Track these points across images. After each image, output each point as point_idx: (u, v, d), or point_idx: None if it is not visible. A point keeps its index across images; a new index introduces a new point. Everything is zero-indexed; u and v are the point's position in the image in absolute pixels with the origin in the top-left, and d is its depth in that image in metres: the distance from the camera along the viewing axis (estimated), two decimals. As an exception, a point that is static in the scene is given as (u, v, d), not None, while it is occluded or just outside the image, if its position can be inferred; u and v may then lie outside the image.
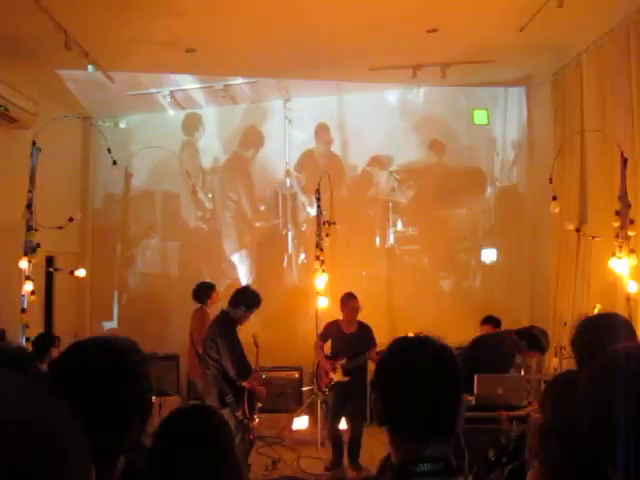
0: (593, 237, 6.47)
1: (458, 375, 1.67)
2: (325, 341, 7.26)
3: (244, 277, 9.66)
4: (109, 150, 6.38)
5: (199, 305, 7.49)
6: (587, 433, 1.45)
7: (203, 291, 7.49)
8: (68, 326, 8.67)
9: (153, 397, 1.75)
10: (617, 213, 5.52)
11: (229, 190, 9.82)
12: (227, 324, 5.89)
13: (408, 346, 1.72)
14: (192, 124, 9.78)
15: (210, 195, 9.90)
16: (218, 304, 7.11)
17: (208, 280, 8.07)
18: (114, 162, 6.48)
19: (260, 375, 6.32)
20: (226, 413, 5.58)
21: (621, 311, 5.44)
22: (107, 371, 1.59)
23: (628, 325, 2.55)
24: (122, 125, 9.89)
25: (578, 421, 1.75)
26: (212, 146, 9.89)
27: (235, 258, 9.78)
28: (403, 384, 1.62)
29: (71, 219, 6.32)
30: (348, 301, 7.05)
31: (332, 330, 7.17)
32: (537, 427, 1.89)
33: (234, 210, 9.81)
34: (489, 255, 9.60)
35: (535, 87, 8.95)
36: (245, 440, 5.80)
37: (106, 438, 1.53)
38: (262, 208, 9.86)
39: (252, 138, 9.78)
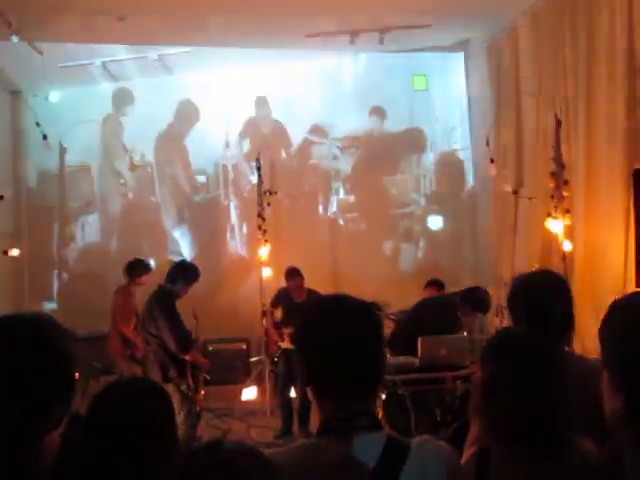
0: (530, 198, 6.61)
1: (377, 328, 1.68)
2: (275, 308, 7.34)
3: (186, 251, 9.54)
4: (38, 124, 6.17)
5: (124, 282, 7.15)
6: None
7: (137, 268, 7.13)
8: (6, 308, 8.43)
9: (78, 374, 1.69)
10: (552, 174, 5.64)
11: (165, 164, 9.62)
12: (165, 298, 5.87)
13: (324, 304, 1.73)
14: (120, 98, 9.50)
15: (149, 169, 9.70)
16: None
17: (148, 260, 7.91)
18: (44, 136, 6.30)
19: (202, 347, 6.33)
20: (169, 389, 5.55)
21: (557, 270, 5.59)
22: (26, 342, 1.53)
23: (560, 280, 2.61)
24: (53, 99, 9.55)
25: (517, 375, 1.79)
26: (147, 119, 9.65)
27: (176, 233, 9.65)
28: (322, 341, 1.61)
29: (1, 197, 6.11)
30: (290, 279, 7.12)
31: (282, 297, 7.23)
32: (477, 383, 1.92)
33: (171, 185, 9.62)
34: (432, 221, 9.71)
35: (473, 53, 9.02)
36: (192, 413, 5.80)
37: (26, 415, 1.49)
38: (202, 180, 9.72)
39: (187, 111, 9.56)
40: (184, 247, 9.61)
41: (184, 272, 6.03)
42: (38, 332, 1.59)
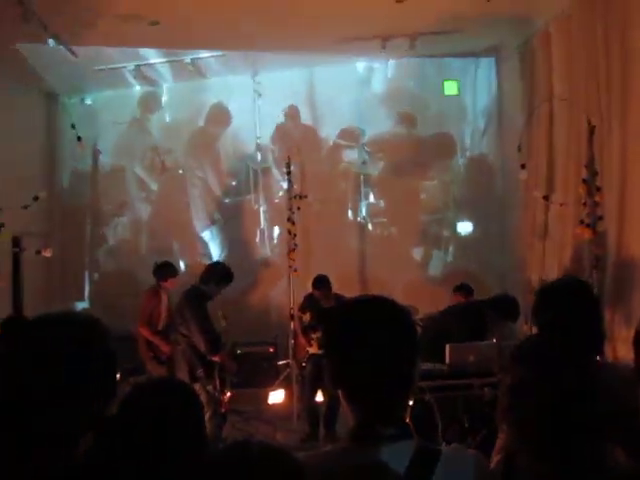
0: (561, 204, 6.54)
1: (411, 332, 1.64)
2: (304, 312, 7.35)
3: (215, 253, 9.61)
4: (73, 126, 6.29)
5: (153, 285, 7.19)
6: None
7: (164, 270, 7.16)
8: (38, 308, 8.56)
9: (119, 375, 1.72)
10: (584, 181, 5.58)
11: (195, 167, 9.71)
12: (197, 299, 5.94)
13: (356, 305, 1.69)
14: (149, 101, 9.63)
15: (181, 171, 9.81)
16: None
17: (177, 261, 7.99)
18: (79, 138, 6.40)
19: (230, 349, 6.39)
20: (197, 387, 5.63)
21: (589, 277, 5.53)
22: (72, 341, 1.55)
23: (587, 288, 2.58)
24: (88, 101, 9.73)
25: (542, 377, 1.78)
26: (179, 122, 9.77)
27: (206, 235, 9.73)
28: (352, 343, 1.58)
29: (36, 198, 6.23)
30: (317, 288, 7.11)
31: (311, 302, 7.25)
32: (505, 388, 1.91)
33: (202, 187, 9.71)
34: (461, 226, 9.66)
35: (504, 57, 8.97)
36: (217, 414, 5.85)
37: (70, 414, 1.50)
38: (233, 183, 9.80)
39: (218, 114, 9.65)
40: (214, 249, 9.69)
41: (217, 274, 6.10)
42: (84, 331, 1.60)
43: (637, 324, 1.68)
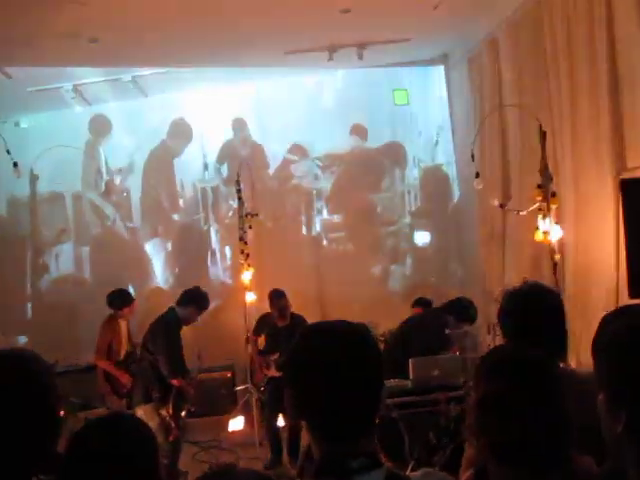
0: (517, 212, 6.66)
1: (374, 353, 1.62)
2: (259, 335, 7.37)
3: (166, 277, 9.50)
4: (8, 151, 6.15)
5: (110, 314, 7.14)
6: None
7: (119, 299, 7.13)
8: (-22, 344, 8.32)
9: (66, 412, 1.67)
10: (539, 186, 5.70)
11: (151, 183, 9.63)
12: (173, 321, 6.10)
13: (316, 333, 1.66)
14: (98, 126, 9.50)
15: (125, 194, 9.68)
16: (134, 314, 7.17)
17: (128, 287, 7.92)
18: (15, 164, 6.24)
19: (193, 377, 6.43)
20: (149, 409, 5.69)
21: (548, 283, 5.63)
22: (10, 378, 1.50)
23: (552, 293, 2.63)
24: (24, 125, 9.53)
25: (512, 391, 1.80)
26: (122, 144, 9.66)
27: (155, 258, 9.62)
28: (313, 370, 1.56)
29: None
30: (275, 300, 7.17)
31: (265, 324, 7.28)
32: (472, 403, 1.92)
33: (154, 202, 9.62)
34: (418, 237, 9.77)
35: (453, 65, 9.14)
36: (168, 440, 5.82)
37: (12, 454, 1.45)
38: (181, 204, 9.74)
39: (181, 129, 9.58)
40: (164, 273, 9.57)
41: (198, 297, 6.19)
42: (22, 367, 1.56)
43: (595, 331, 1.71)
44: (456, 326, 6.26)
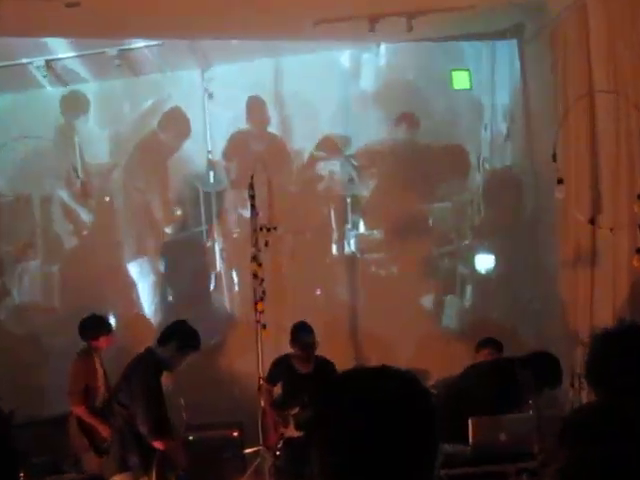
0: (611, 229, 6.61)
1: (429, 411, 1.63)
2: (274, 384, 7.40)
3: (151, 307, 9.55)
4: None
5: (83, 348, 7.29)
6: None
7: (95, 326, 7.27)
8: None
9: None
10: (640, 197, 5.67)
11: (132, 193, 9.70)
12: (150, 365, 6.06)
13: (352, 383, 1.66)
14: (71, 106, 9.61)
15: (107, 199, 9.77)
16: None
17: (107, 315, 7.99)
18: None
19: (184, 437, 6.41)
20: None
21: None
22: None
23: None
24: (-18, 109, 9.69)
25: (609, 459, 1.78)
26: (104, 135, 9.76)
27: (143, 282, 9.67)
28: (345, 439, 1.57)
29: None
30: (299, 336, 7.22)
31: (282, 370, 7.31)
32: (555, 474, 1.91)
33: (140, 214, 9.70)
34: (482, 261, 9.72)
35: (529, 39, 9.11)
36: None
37: None
38: (178, 212, 9.79)
39: (176, 122, 9.66)
40: (152, 301, 9.63)
41: (181, 334, 6.17)
42: None
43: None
44: (532, 386, 6.20)
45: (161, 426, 5.95)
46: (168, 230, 9.81)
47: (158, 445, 5.93)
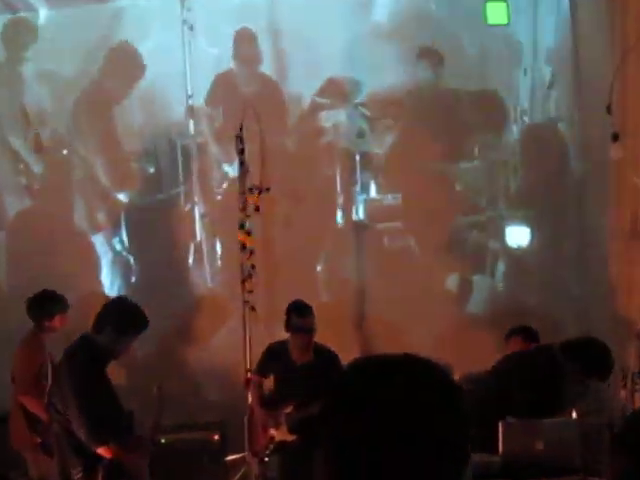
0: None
1: (459, 422, 1.63)
2: (265, 376, 7.40)
3: (119, 284, 9.55)
4: None
5: (31, 330, 7.34)
6: None
7: (44, 305, 7.29)
8: None
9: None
10: None
11: (84, 144, 9.67)
12: (86, 357, 5.99)
13: (371, 377, 1.65)
14: (15, 35, 9.56)
15: (65, 152, 9.75)
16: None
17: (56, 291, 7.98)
18: None
19: (146, 441, 6.38)
20: None
21: None
22: None
23: None
24: None
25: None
26: (57, 72, 9.71)
27: (103, 254, 9.67)
28: (361, 441, 1.57)
29: None
30: (296, 318, 7.18)
31: (276, 359, 7.30)
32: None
33: (90, 177, 9.66)
34: (517, 233, 9.71)
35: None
36: None
37: None
38: (150, 171, 9.78)
39: (123, 60, 9.60)
40: (115, 277, 9.63)
41: (120, 316, 6.10)
42: None
43: None
44: (579, 381, 6.20)
45: (104, 428, 5.84)
46: (122, 197, 9.78)
47: (103, 452, 5.83)
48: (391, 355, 1.70)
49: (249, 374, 7.52)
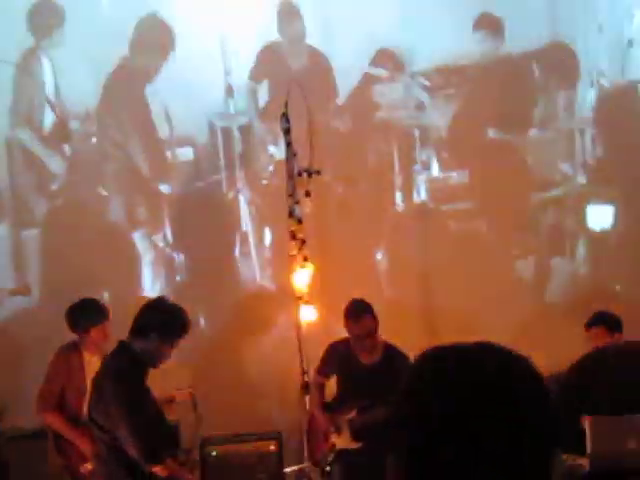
0: None
1: (548, 419, 1.65)
2: (327, 377, 7.44)
3: (163, 282, 9.61)
4: None
5: (70, 342, 7.39)
6: None
7: (83, 314, 7.32)
8: None
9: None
10: None
11: (114, 131, 9.73)
12: (127, 367, 5.97)
13: (448, 368, 1.67)
14: (43, 19, 9.64)
15: (94, 139, 9.83)
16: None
17: (98, 298, 8.04)
18: None
19: (193, 457, 6.41)
20: None
21: None
22: None
23: None
24: None
25: None
26: (83, 58, 9.78)
27: (147, 251, 9.73)
28: (442, 440, 1.58)
29: None
30: (352, 324, 7.21)
31: (338, 358, 7.36)
32: None
33: (124, 167, 9.71)
34: (596, 211, 9.64)
35: None
36: None
37: None
38: (188, 156, 9.82)
39: (152, 36, 9.66)
40: (157, 275, 9.70)
41: (161, 319, 6.10)
42: None
43: None
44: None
45: (154, 445, 5.84)
46: (164, 188, 9.84)
47: (159, 471, 5.83)
48: (466, 343, 1.71)
49: (305, 378, 7.53)
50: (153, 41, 9.70)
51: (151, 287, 9.61)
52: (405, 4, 9.54)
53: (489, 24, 9.57)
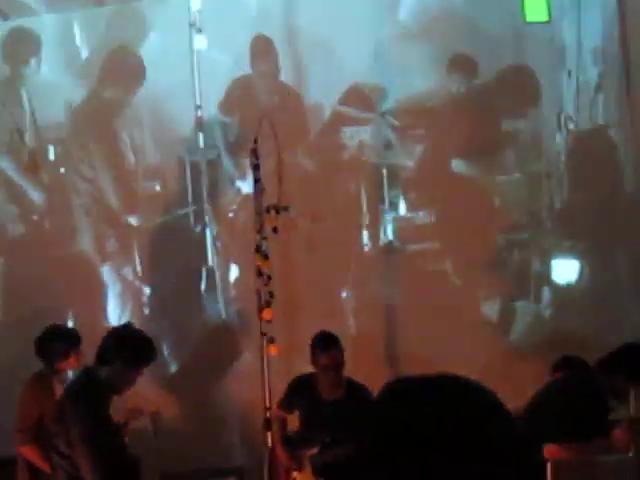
0: None
1: (513, 451, 1.65)
2: (290, 411, 7.41)
3: (129, 314, 9.58)
4: None
5: (40, 371, 7.38)
6: None
7: (51, 343, 7.29)
8: None
9: None
10: None
11: (83, 163, 9.72)
12: (89, 393, 5.95)
13: (412, 400, 1.68)
14: (17, 46, 9.64)
15: (62, 170, 9.81)
16: None
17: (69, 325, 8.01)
18: None
19: None
20: None
21: None
22: None
23: None
24: None
25: None
26: (58, 84, 9.78)
27: (114, 283, 9.70)
28: (406, 474, 1.59)
29: None
30: (321, 353, 7.22)
31: (302, 393, 7.33)
32: None
33: (92, 200, 9.70)
34: (563, 254, 9.68)
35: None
36: None
37: None
38: (156, 188, 9.81)
39: (122, 65, 9.68)
40: (127, 307, 9.66)
41: (125, 345, 6.08)
42: None
43: None
44: (622, 391, 6.18)
45: (115, 474, 5.81)
46: (132, 220, 9.84)
47: None
48: (430, 375, 1.72)
49: (268, 413, 7.52)
50: (123, 73, 9.71)
51: (117, 319, 9.56)
52: (375, 43, 9.58)
53: (463, 66, 9.62)
